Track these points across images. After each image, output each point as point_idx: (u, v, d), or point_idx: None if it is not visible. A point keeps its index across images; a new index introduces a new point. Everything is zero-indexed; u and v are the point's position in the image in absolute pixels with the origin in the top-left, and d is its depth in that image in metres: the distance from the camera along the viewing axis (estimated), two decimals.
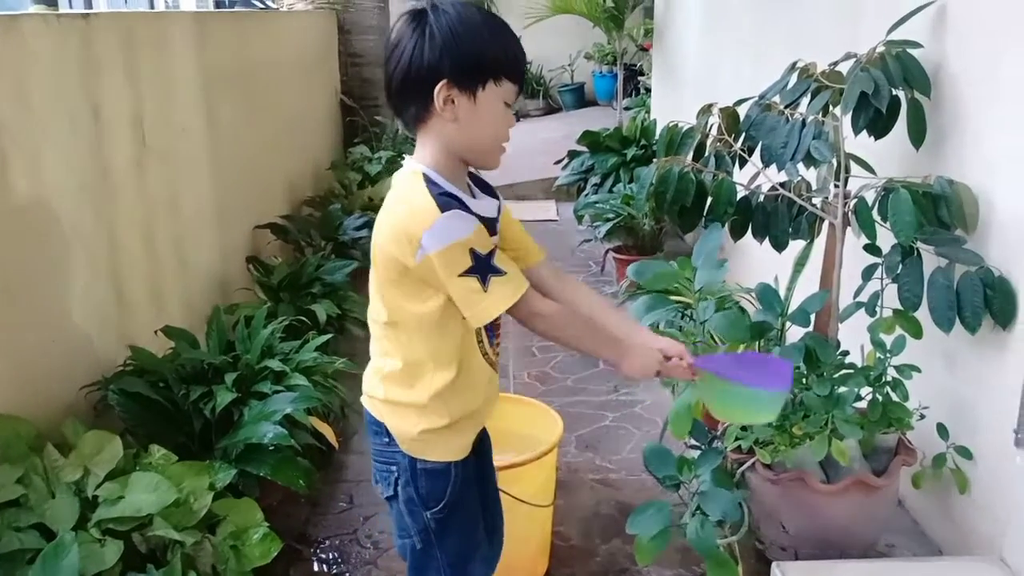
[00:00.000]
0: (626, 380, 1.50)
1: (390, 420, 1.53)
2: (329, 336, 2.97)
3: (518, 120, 1.70)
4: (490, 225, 1.45)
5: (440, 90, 1.37)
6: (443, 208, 1.34)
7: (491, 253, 1.39)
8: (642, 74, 8.88)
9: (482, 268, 1.37)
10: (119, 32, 2.58)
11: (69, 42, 2.30)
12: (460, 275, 1.36)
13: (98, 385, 2.28)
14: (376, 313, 1.51)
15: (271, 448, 2.21)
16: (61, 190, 2.22)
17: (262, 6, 5.12)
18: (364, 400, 1.58)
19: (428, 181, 1.39)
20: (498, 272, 1.38)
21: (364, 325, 3.84)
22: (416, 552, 1.58)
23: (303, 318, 3.23)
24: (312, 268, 3.65)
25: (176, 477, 1.92)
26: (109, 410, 2.24)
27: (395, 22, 1.45)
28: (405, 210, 1.39)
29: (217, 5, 4.50)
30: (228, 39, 3.65)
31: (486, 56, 1.38)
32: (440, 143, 1.42)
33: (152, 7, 3.83)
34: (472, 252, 1.35)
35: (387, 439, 1.53)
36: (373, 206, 5.12)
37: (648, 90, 7.61)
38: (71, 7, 2.88)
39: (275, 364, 2.49)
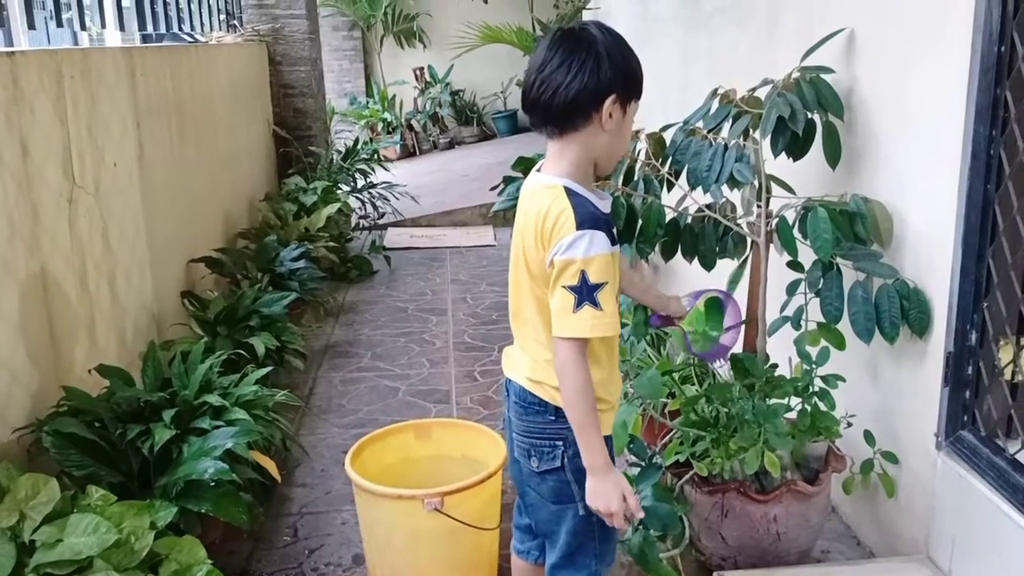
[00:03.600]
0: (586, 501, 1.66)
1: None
2: (269, 369, 2.96)
3: (453, 147, 1.84)
4: (609, 222, 1.61)
5: (608, 105, 1.54)
6: (579, 225, 1.52)
7: (599, 285, 1.53)
8: None
9: (584, 292, 1.52)
10: (48, 68, 2.55)
11: None
12: (564, 287, 1.53)
13: (31, 427, 2.23)
14: (529, 310, 1.66)
15: (212, 484, 2.19)
16: None
17: (190, 40, 5.08)
18: (525, 383, 1.69)
19: (569, 193, 1.56)
20: (595, 304, 1.53)
21: (303, 356, 3.83)
22: (578, 517, 1.71)
23: (241, 351, 3.21)
24: (249, 301, 3.62)
25: (116, 517, 1.89)
26: (44, 452, 2.19)
27: (543, 43, 1.59)
28: (551, 220, 1.55)
29: (144, 39, 4.44)
30: (159, 73, 3.63)
31: (640, 74, 1.60)
32: (585, 152, 1.60)
33: (76, 42, 3.75)
34: (582, 273, 1.51)
35: (553, 417, 1.67)
36: (309, 236, 5.11)
37: None
38: None
39: (214, 399, 2.47)
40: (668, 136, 2.50)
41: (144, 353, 2.76)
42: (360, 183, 6.45)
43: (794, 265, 2.27)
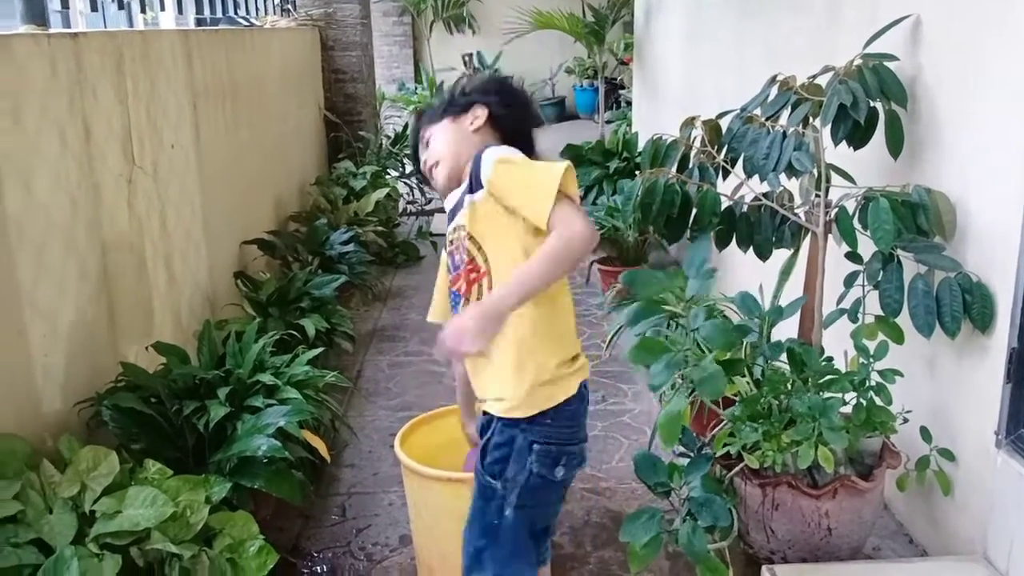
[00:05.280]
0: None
1: None
2: (320, 350, 2.99)
3: None
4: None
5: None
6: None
7: None
8: (623, 87, 8.98)
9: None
10: (109, 50, 2.60)
11: (59, 61, 2.31)
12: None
13: (91, 401, 2.28)
14: None
15: (265, 461, 2.22)
16: (53, 208, 2.23)
17: (245, 23, 5.14)
18: None
19: None
20: None
21: (352, 339, 3.87)
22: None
23: (292, 332, 3.25)
24: (300, 283, 3.67)
25: (172, 491, 1.93)
26: (102, 426, 2.25)
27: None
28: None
29: (199, 23, 4.50)
30: (215, 56, 3.67)
31: None
32: None
33: (131, 25, 3.82)
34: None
35: None
36: (358, 220, 5.15)
37: (629, 103, 7.69)
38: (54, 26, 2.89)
39: (267, 378, 2.50)
40: (724, 123, 2.46)
41: (199, 332, 2.81)
42: (408, 169, 6.48)
43: (853, 256, 2.22)
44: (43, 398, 2.16)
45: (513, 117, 1.86)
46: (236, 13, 5.09)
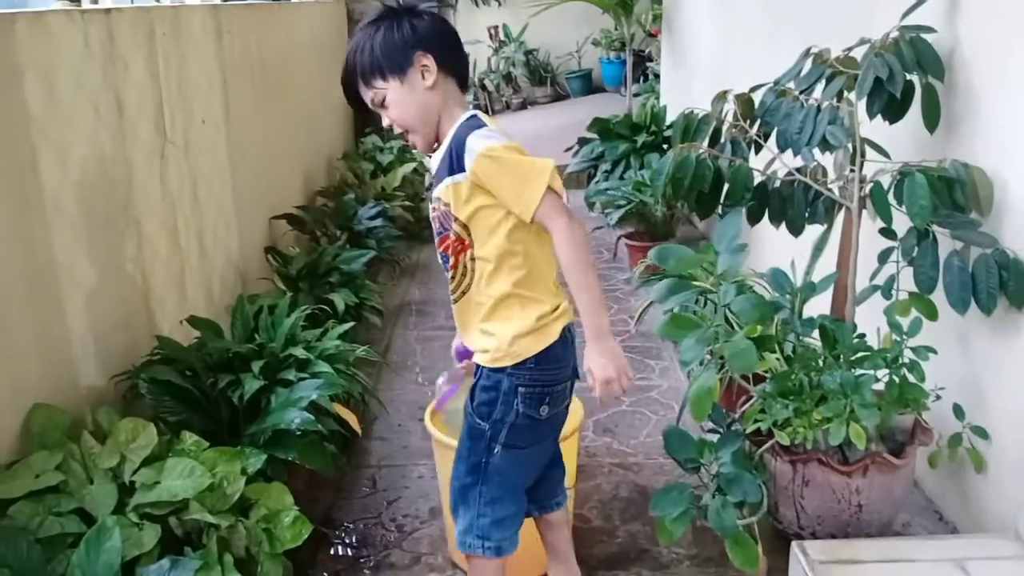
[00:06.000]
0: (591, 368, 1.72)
1: None
2: (350, 324, 3.01)
3: (525, 107, 1.93)
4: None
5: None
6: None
7: None
8: (650, 60, 8.87)
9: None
10: (140, 25, 2.61)
11: (92, 36, 2.33)
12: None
13: (128, 374, 2.32)
14: None
15: (298, 434, 2.25)
16: (88, 182, 2.26)
17: None
18: None
19: None
20: None
21: (380, 313, 3.89)
22: None
23: (322, 307, 3.28)
24: (329, 257, 3.69)
25: (209, 462, 1.97)
26: (139, 399, 2.29)
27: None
28: None
29: None
30: (244, 30, 3.68)
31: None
32: None
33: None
34: None
35: None
36: (385, 195, 5.16)
37: (657, 76, 7.60)
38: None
39: (299, 352, 2.53)
40: (757, 97, 2.44)
41: (230, 306, 2.84)
42: None
43: (887, 232, 2.20)
44: (81, 371, 2.20)
45: (455, 56, 1.81)
46: None
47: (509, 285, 1.74)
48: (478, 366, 1.82)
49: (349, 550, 2.45)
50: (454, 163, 1.71)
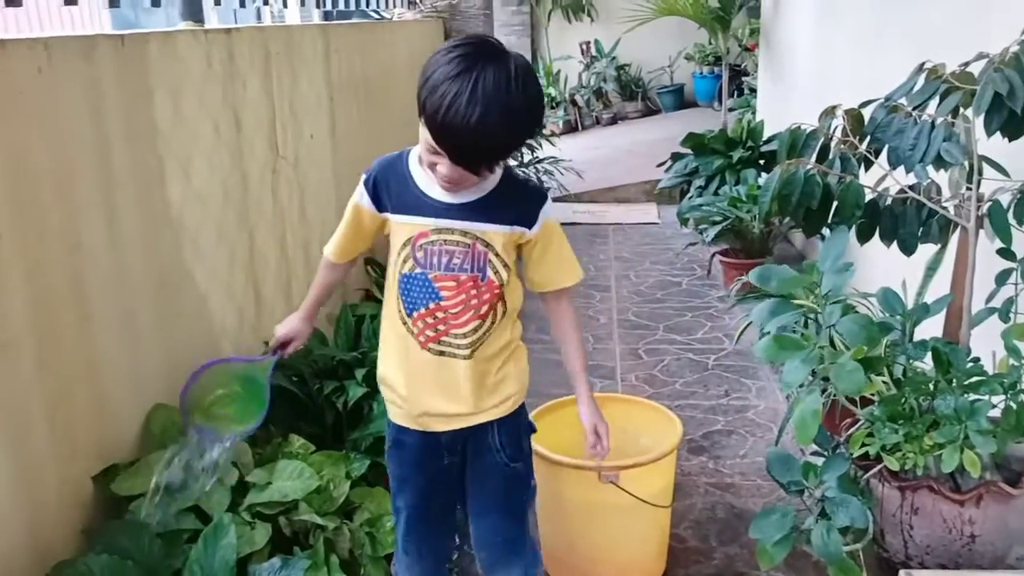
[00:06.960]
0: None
1: None
2: None
3: (616, 122, 1.87)
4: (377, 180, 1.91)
5: None
6: None
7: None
8: (746, 74, 8.75)
9: None
10: (257, 45, 2.73)
11: (214, 55, 2.45)
12: None
13: None
14: None
15: None
16: (208, 195, 2.37)
17: (377, 16, 5.28)
18: None
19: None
20: None
21: None
22: None
23: None
24: None
25: (316, 465, 2.03)
26: None
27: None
28: None
29: (325, 16, 4.64)
30: (349, 48, 3.80)
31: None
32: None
33: (259, 19, 3.97)
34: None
35: None
36: None
37: (752, 91, 7.50)
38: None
39: None
40: (867, 113, 2.38)
41: (333, 315, 2.93)
42: (527, 157, 6.52)
43: (1005, 253, 2.12)
44: None
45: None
46: (367, 6, 5.23)
47: (515, 331, 1.86)
48: (491, 423, 1.81)
49: None
50: (519, 213, 1.71)
